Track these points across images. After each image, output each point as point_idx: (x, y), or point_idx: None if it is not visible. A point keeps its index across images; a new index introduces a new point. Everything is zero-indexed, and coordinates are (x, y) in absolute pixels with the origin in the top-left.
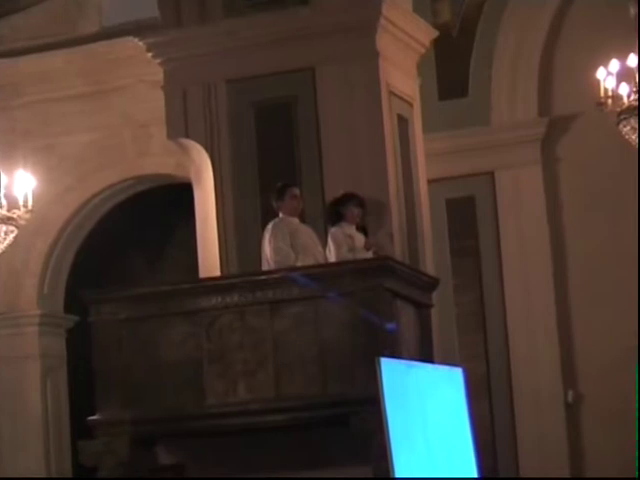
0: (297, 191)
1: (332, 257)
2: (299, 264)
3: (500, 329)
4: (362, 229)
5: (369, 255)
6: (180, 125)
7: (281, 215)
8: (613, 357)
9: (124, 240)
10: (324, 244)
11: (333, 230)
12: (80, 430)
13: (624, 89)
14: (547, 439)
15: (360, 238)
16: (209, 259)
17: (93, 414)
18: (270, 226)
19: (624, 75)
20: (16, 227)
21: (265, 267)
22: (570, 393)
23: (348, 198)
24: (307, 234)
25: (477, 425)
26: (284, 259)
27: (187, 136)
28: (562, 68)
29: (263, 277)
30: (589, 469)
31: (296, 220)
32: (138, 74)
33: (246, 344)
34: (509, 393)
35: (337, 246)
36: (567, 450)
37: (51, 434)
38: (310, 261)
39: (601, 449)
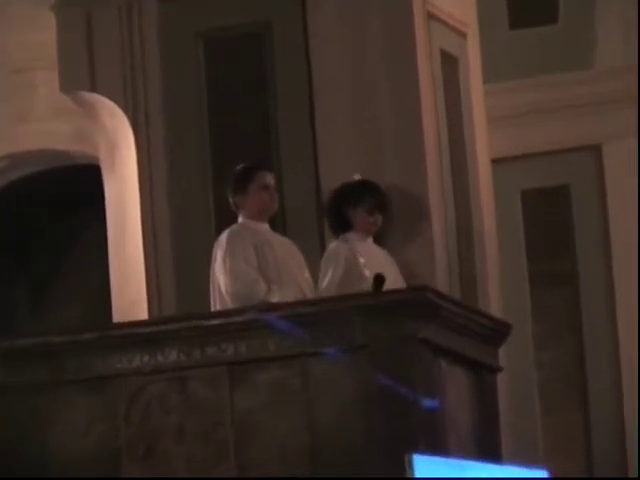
0: (269, 178)
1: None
2: (275, 299)
3: (611, 405)
4: None
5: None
6: (82, 70)
7: (242, 219)
8: None
9: None
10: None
11: (332, 246)
12: None
13: None
14: None
15: (383, 256)
16: (129, 292)
17: None
18: (224, 237)
19: None
20: None
21: (217, 306)
22: None
23: (359, 191)
24: (286, 249)
25: None
26: (248, 290)
27: (93, 88)
28: None
29: (218, 321)
30: None
31: (266, 227)
32: None
33: (190, 430)
34: None
35: (333, 267)
36: None
37: None
38: (292, 294)
39: None
